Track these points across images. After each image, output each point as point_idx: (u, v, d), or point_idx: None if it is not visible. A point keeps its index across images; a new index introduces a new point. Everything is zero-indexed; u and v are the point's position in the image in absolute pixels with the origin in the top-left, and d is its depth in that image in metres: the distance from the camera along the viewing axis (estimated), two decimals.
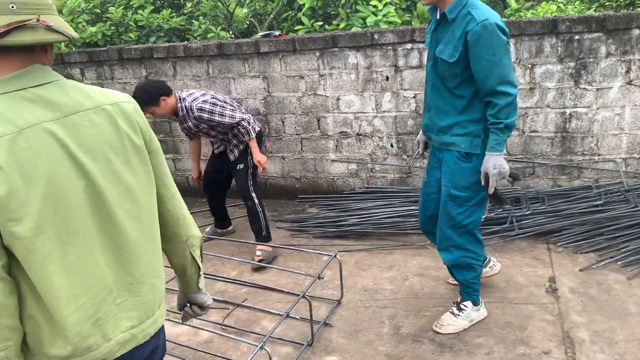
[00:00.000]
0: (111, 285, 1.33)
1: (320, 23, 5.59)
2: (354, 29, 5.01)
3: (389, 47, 4.48)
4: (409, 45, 4.43)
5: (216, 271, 3.89)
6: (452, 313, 2.98)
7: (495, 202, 2.90)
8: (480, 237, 2.89)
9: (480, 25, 2.41)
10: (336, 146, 4.95)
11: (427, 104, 2.83)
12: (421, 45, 4.40)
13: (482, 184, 2.63)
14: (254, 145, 3.91)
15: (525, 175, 4.51)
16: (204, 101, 3.73)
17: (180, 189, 5.19)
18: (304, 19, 5.51)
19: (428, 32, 2.78)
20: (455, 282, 3.32)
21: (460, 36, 2.48)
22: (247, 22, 6.69)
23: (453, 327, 2.93)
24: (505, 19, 4.51)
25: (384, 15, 5.12)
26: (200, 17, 6.33)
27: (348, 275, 3.67)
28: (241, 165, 3.98)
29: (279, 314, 3.23)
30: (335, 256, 3.27)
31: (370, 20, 5.08)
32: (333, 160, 5.01)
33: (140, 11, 6.13)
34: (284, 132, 5.05)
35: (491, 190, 2.62)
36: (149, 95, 3.65)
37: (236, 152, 4.00)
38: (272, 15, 6.54)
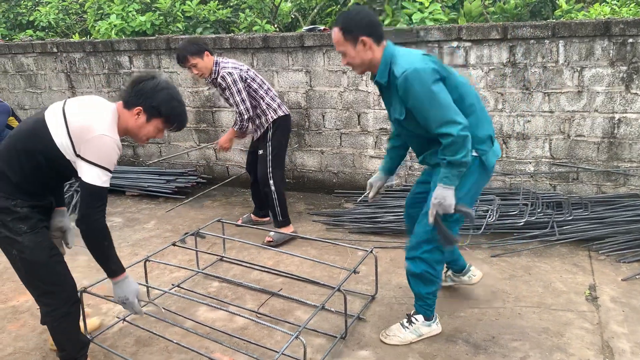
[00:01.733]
0: None
1: None
2: (399, 26, 4.99)
3: (434, 45, 4.45)
4: (454, 43, 4.38)
5: (253, 259, 3.96)
6: (402, 325, 2.91)
7: (441, 240, 2.67)
8: (446, 256, 2.86)
9: (401, 80, 2.41)
10: (375, 142, 4.94)
11: (400, 141, 2.97)
12: (467, 44, 4.35)
13: (432, 212, 2.59)
14: (230, 133, 4.16)
15: (568, 180, 4.42)
16: (229, 73, 3.93)
17: (220, 178, 5.32)
18: None
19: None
20: (447, 284, 3.36)
21: (395, 94, 2.51)
22: (292, 16, 6.73)
23: (398, 339, 2.88)
24: (554, 20, 4.41)
25: (430, 13, 5.07)
26: (247, 10, 6.40)
27: (383, 271, 3.67)
28: (261, 151, 4.14)
29: (314, 305, 3.26)
30: (371, 251, 3.28)
31: (416, 17, 5.04)
32: (371, 157, 5.00)
33: (188, 2, 6.24)
34: (324, 127, 5.07)
35: (430, 220, 2.59)
36: (196, 47, 3.91)
37: (257, 132, 4.18)
38: (315, 10, 6.56)
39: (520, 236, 3.98)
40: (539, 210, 4.11)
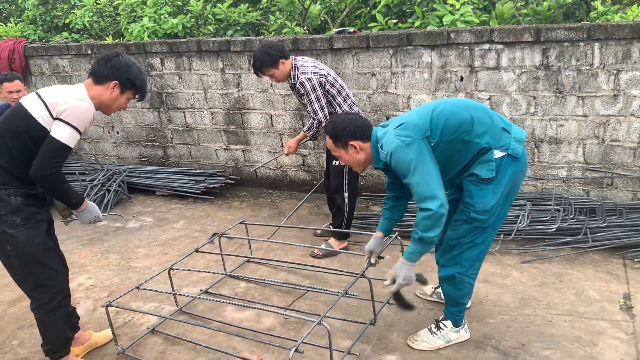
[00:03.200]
0: None
1: (395, 21, 5.55)
2: (429, 28, 4.95)
3: (465, 47, 4.40)
4: (486, 46, 4.33)
5: (279, 259, 3.97)
6: (430, 330, 2.89)
7: (400, 307, 2.90)
8: (482, 255, 2.75)
9: (389, 158, 2.57)
10: None
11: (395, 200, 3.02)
12: (499, 46, 4.29)
13: (387, 283, 2.74)
14: (301, 136, 4.08)
15: (602, 185, 4.31)
16: (308, 79, 3.77)
17: (247, 180, 5.31)
18: (379, 16, 5.49)
19: None
20: (429, 298, 3.32)
21: (393, 169, 2.64)
22: (321, 18, 6.74)
23: (426, 345, 2.85)
24: (589, 22, 4.32)
25: (461, 15, 5.02)
26: (277, 12, 6.44)
27: None
28: (337, 162, 3.94)
29: (336, 294, 3.25)
30: (396, 237, 3.38)
31: (447, 19, 4.99)
32: None
33: (219, 5, 6.31)
34: None
35: (392, 291, 2.76)
36: (270, 58, 3.76)
37: None
38: (344, 13, 6.56)
39: (552, 242, 3.90)
40: (571, 217, 4.02)
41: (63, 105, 2.46)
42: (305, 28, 6.51)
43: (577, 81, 4.17)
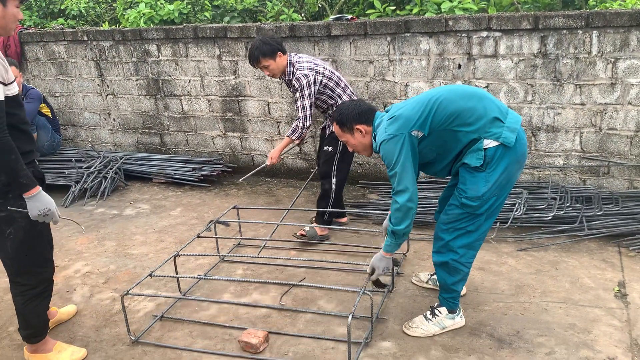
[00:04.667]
0: None
1: (393, 8, 5.51)
2: (427, 15, 4.92)
3: (463, 35, 4.37)
4: (484, 33, 4.31)
5: (275, 246, 3.98)
6: (425, 317, 2.91)
7: (375, 287, 3.08)
8: (475, 244, 2.75)
9: (377, 150, 2.74)
10: None
11: None
12: (497, 34, 4.27)
13: (368, 272, 2.91)
14: (285, 142, 3.94)
15: (599, 174, 4.32)
16: (305, 75, 3.78)
17: (244, 168, 5.31)
18: (377, 3, 5.45)
19: None
20: (425, 285, 3.35)
21: None
22: (319, 5, 6.69)
23: (421, 331, 2.88)
24: (588, 10, 4.29)
25: (459, 2, 4.98)
26: None
27: (406, 264, 3.65)
28: (330, 148, 3.95)
29: (337, 289, 3.27)
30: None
31: (445, 6, 4.96)
32: None
33: None
34: None
35: (372, 279, 2.94)
36: (269, 47, 3.76)
37: (331, 127, 3.98)
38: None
39: (548, 230, 3.91)
40: (567, 205, 4.03)
41: None
42: (302, 15, 6.47)
43: (574, 69, 4.16)
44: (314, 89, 3.81)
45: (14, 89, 2.47)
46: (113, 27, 6.79)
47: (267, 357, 2.77)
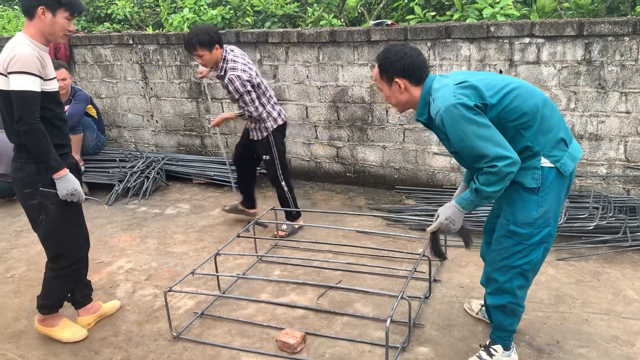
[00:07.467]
0: None
1: (433, 13, 5.50)
2: (468, 21, 4.89)
3: (505, 41, 4.34)
4: (526, 40, 4.26)
5: (311, 247, 4.02)
6: (480, 358, 2.65)
7: (431, 252, 2.72)
8: (530, 281, 2.53)
9: (438, 121, 2.29)
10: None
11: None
12: (540, 40, 4.22)
13: (434, 220, 2.53)
14: (231, 115, 4.18)
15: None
16: (238, 77, 3.85)
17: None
18: (417, 9, 5.45)
19: None
20: (475, 316, 3.08)
21: (438, 130, 2.38)
22: (358, 10, 6.72)
23: None
24: (635, 17, 4.20)
25: (501, 8, 4.94)
26: (314, 4, 6.45)
27: (444, 270, 3.64)
28: (267, 157, 4.18)
29: (373, 293, 3.28)
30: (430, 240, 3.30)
31: (487, 12, 4.92)
32: (435, 153, 4.95)
33: None
34: (387, 122, 5.06)
35: (429, 230, 2.56)
36: (208, 37, 3.82)
37: (254, 133, 4.16)
38: (381, 5, 6.53)
39: (589, 240, 3.84)
40: (610, 215, 3.94)
41: (5, 60, 2.58)
42: (342, 20, 6.51)
43: (620, 77, 4.08)
44: (250, 87, 3.90)
45: (53, 85, 2.73)
46: (157, 31, 6.97)
47: (304, 357, 2.81)
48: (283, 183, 4.23)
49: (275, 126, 4.12)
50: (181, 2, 6.81)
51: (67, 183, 2.75)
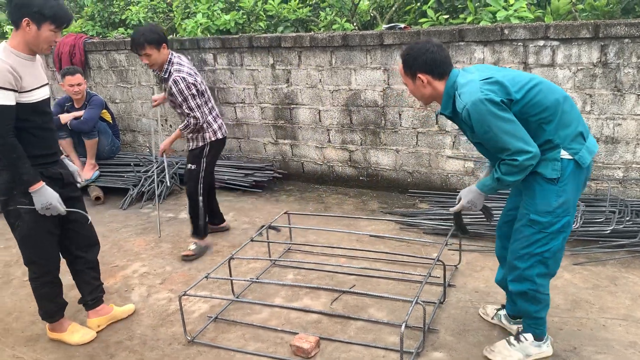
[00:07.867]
0: None
1: (446, 16, 5.49)
2: (482, 23, 4.87)
3: (519, 44, 4.31)
4: (541, 42, 4.23)
5: (325, 252, 4.02)
6: (508, 342, 2.72)
7: (457, 228, 2.94)
8: (552, 270, 2.57)
9: (464, 114, 2.39)
10: (453, 142, 4.86)
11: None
12: (555, 43, 4.19)
13: (456, 202, 2.71)
14: (176, 134, 4.05)
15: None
16: (183, 78, 3.75)
17: (295, 174, 5.35)
18: (430, 12, 5.44)
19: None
20: (490, 321, 3.07)
21: (462, 122, 2.48)
22: (371, 14, 6.72)
23: (501, 357, 2.69)
24: None
25: (515, 10, 4.91)
26: (327, 9, 6.46)
27: (459, 275, 3.62)
28: (193, 166, 4.06)
29: (387, 298, 3.27)
30: (445, 244, 3.31)
31: (501, 15, 4.90)
32: (449, 157, 4.93)
33: (270, 1, 6.39)
34: (400, 125, 5.05)
35: (452, 210, 2.76)
36: (156, 36, 3.71)
37: (190, 143, 4.08)
38: (393, 8, 6.52)
39: (606, 245, 3.79)
40: (627, 219, 3.89)
41: None
42: (354, 24, 6.51)
43: (637, 79, 4.03)
44: (195, 91, 3.82)
45: (35, 96, 2.71)
46: (171, 36, 7.02)
47: None
48: (200, 198, 4.09)
49: (214, 138, 4.02)
50: (194, 7, 6.86)
51: (42, 197, 2.72)
